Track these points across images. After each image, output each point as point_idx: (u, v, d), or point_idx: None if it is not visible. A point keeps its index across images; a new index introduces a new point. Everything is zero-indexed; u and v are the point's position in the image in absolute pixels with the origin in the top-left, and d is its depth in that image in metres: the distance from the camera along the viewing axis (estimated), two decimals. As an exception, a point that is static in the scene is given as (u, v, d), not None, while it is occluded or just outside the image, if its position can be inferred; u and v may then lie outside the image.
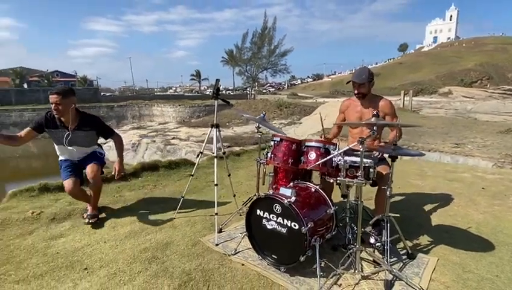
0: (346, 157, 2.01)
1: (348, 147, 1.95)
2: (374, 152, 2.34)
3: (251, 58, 38.01)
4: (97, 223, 2.77)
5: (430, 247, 2.46)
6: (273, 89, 62.37)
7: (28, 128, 2.66)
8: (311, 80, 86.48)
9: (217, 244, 2.39)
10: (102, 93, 36.64)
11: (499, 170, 5.00)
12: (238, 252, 2.29)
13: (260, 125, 2.75)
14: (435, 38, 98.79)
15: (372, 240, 2.36)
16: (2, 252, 2.28)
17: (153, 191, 3.70)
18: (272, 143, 2.41)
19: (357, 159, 2.03)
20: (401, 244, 2.39)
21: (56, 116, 2.59)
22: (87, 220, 2.77)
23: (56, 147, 2.81)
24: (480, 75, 49.76)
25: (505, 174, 4.60)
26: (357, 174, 1.91)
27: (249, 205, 2.26)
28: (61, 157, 2.86)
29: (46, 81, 42.50)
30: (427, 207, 3.29)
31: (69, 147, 2.73)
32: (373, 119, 1.91)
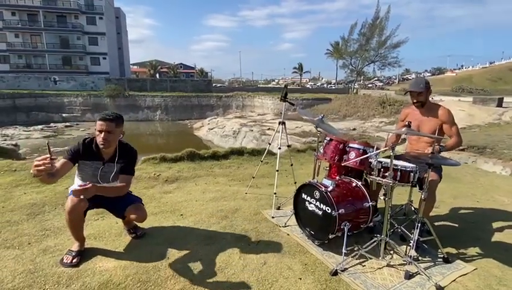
0: (380, 159, 2.32)
1: (379, 150, 2.27)
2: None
3: (357, 50, 36.14)
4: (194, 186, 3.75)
5: (476, 258, 2.49)
6: (381, 84, 57.82)
7: (63, 160, 2.09)
8: (430, 74, 76.12)
9: (272, 217, 3.02)
10: (214, 84, 41.39)
11: None
12: (287, 226, 2.87)
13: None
14: None
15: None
16: (136, 196, 3.46)
17: (236, 171, 4.60)
18: (325, 141, 2.86)
19: (399, 162, 2.32)
20: (446, 249, 2.50)
21: (102, 147, 2.13)
22: (70, 260, 2.12)
23: (78, 180, 2.25)
24: None
25: None
26: (386, 174, 2.22)
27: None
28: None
29: (172, 72, 50.68)
30: (498, 224, 3.13)
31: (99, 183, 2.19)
32: (404, 129, 2.16)
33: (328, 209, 2.39)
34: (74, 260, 2.14)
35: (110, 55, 38.36)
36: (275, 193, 3.18)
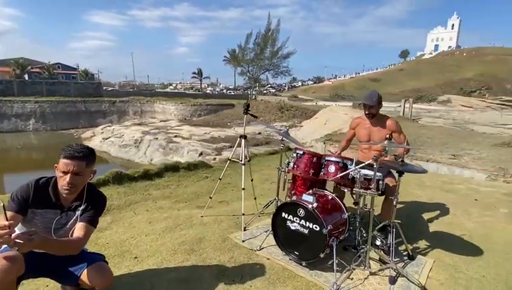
0: (361, 171, 2.37)
1: (365, 163, 2.32)
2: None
3: (253, 59, 38.22)
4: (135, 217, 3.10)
5: (427, 250, 2.83)
6: (274, 90, 62.80)
7: (11, 213, 1.43)
8: (312, 82, 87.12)
9: (243, 241, 2.74)
10: (104, 88, 36.83)
11: (492, 183, 5.38)
12: (263, 248, 2.64)
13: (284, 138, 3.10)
14: (436, 46, 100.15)
15: (378, 242, 2.73)
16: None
17: (176, 191, 4.05)
18: (294, 155, 2.77)
19: (370, 172, 2.40)
20: (403, 247, 2.76)
21: (66, 193, 1.56)
22: None
23: (21, 228, 1.52)
24: (479, 85, 50.66)
25: (497, 187, 4.99)
26: (370, 186, 2.27)
27: (270, 207, 2.60)
28: None
29: (47, 73, 42.56)
30: (426, 215, 3.67)
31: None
32: (386, 142, 2.27)
33: (316, 227, 2.29)
34: None
35: (-48, 49, 29.45)
36: (243, 214, 2.90)
